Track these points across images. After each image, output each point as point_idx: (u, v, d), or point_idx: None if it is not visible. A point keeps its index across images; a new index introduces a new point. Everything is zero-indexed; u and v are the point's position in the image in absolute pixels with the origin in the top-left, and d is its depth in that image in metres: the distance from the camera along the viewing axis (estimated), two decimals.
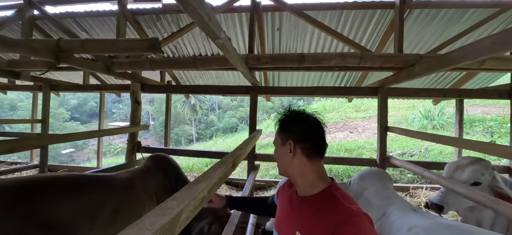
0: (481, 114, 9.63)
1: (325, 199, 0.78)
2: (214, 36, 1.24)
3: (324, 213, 0.74)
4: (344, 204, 0.73)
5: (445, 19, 2.71)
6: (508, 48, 1.27)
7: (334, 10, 2.66)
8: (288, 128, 0.88)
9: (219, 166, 1.13)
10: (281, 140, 0.89)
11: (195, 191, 0.78)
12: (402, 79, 2.30)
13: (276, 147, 0.92)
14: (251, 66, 2.32)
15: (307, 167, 0.84)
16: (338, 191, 0.79)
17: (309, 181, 0.83)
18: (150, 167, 1.74)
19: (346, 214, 0.69)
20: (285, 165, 0.88)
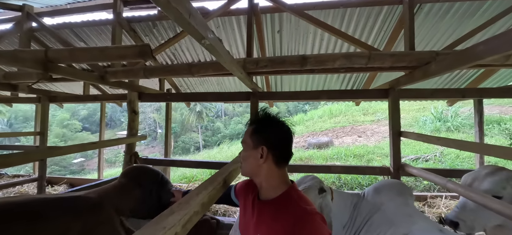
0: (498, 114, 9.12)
1: (283, 201, 0.81)
2: (199, 36, 1.09)
3: (282, 215, 0.77)
4: (299, 205, 0.77)
5: (459, 13, 2.49)
6: None
7: (337, 8, 2.49)
8: (263, 133, 0.88)
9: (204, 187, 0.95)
10: (252, 143, 0.88)
11: (162, 228, 0.62)
12: (416, 79, 2.08)
13: (245, 149, 0.90)
14: (249, 70, 2.16)
15: (273, 172, 0.86)
16: (296, 192, 0.84)
17: (273, 185, 0.86)
18: (124, 183, 1.58)
19: (301, 213, 0.73)
20: (252, 168, 0.88)
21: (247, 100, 2.80)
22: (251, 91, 2.77)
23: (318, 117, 15.95)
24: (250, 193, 0.98)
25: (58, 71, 1.98)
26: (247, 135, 0.90)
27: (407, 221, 1.35)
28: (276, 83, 3.80)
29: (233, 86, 4.02)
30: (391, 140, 2.53)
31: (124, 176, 1.77)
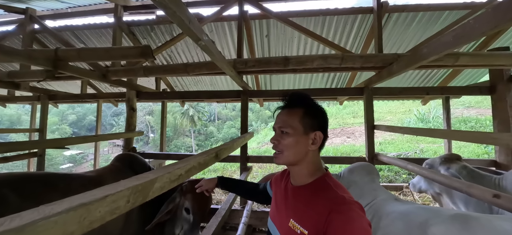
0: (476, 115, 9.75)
1: (319, 187, 0.77)
2: (196, 38, 1.36)
3: (317, 201, 0.73)
4: (336, 192, 0.72)
5: (422, 22, 2.87)
6: (466, 41, 1.39)
7: (317, 16, 2.82)
8: (316, 117, 0.82)
9: (201, 154, 1.22)
10: (303, 128, 0.80)
11: (173, 167, 0.88)
12: (383, 78, 2.42)
13: (291, 135, 0.80)
14: (239, 69, 2.44)
15: (315, 158, 0.82)
16: (331, 180, 0.79)
17: (311, 171, 0.81)
18: (118, 166, 1.79)
19: (339, 201, 0.68)
20: (298, 156, 0.80)
21: (238, 98, 3.07)
22: (242, 89, 3.04)
23: None
24: (283, 179, 0.95)
25: (67, 68, 2.20)
26: (295, 120, 0.81)
27: (372, 194, 1.66)
28: (265, 83, 4.10)
29: (225, 86, 4.28)
30: (366, 133, 2.86)
31: (118, 160, 2.00)
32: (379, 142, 8.31)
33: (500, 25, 1.16)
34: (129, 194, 0.58)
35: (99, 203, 0.49)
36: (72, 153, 28.71)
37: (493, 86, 2.76)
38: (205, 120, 37.52)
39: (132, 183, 0.61)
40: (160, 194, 0.73)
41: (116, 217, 1.60)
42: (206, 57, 3.50)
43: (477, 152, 5.92)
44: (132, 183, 0.61)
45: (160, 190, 0.73)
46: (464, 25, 1.36)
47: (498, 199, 1.22)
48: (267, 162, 3.37)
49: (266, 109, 37.82)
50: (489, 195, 1.28)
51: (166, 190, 0.77)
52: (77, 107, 40.34)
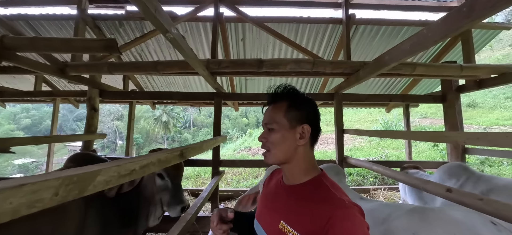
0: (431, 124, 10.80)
1: (315, 188, 0.71)
2: (164, 29, 1.28)
3: (314, 203, 0.67)
4: (335, 195, 0.67)
5: (385, 35, 3.12)
6: (421, 49, 1.52)
7: (291, 23, 2.90)
8: (301, 109, 0.76)
9: (164, 152, 1.13)
10: (289, 122, 0.75)
11: (125, 161, 0.79)
12: (351, 84, 2.55)
13: (278, 131, 0.75)
14: (212, 70, 2.38)
15: (307, 154, 0.76)
16: (328, 180, 0.74)
17: (304, 168, 0.75)
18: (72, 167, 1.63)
19: (339, 205, 0.63)
20: (287, 153, 0.75)
21: (211, 100, 2.99)
22: (215, 91, 2.98)
23: None
24: (273, 178, 0.89)
25: (14, 59, 1.94)
26: (279, 115, 0.76)
27: None
28: (240, 87, 4.08)
29: (199, 88, 4.15)
30: (336, 136, 2.96)
31: (72, 161, 1.80)
32: (349, 148, 8.75)
33: (449, 34, 1.28)
34: (59, 185, 0.49)
35: (11, 192, 0.40)
36: (25, 162, 25.46)
37: (444, 95, 3.07)
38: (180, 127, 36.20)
39: (66, 173, 0.52)
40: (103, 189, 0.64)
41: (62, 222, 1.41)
42: (180, 56, 3.39)
43: (433, 156, 6.53)
44: (65, 173, 0.52)
45: (105, 184, 0.64)
46: (419, 34, 1.49)
47: (450, 193, 1.32)
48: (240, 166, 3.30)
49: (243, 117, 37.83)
50: (442, 190, 1.38)
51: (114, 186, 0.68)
52: (32, 110, 36.20)
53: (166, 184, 1.70)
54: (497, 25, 3.08)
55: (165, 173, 1.69)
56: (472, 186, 1.62)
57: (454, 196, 1.29)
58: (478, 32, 3.14)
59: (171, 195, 1.67)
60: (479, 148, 3.00)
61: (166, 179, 1.70)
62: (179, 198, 1.68)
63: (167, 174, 1.69)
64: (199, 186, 5.97)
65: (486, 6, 1.05)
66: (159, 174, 1.69)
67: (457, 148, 2.93)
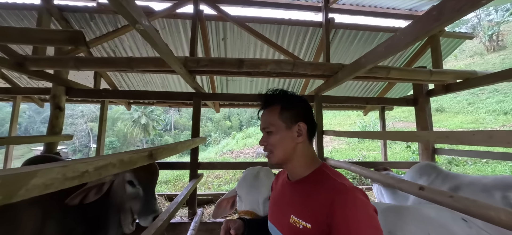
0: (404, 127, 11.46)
1: (317, 178, 0.75)
2: (132, 20, 1.18)
3: (317, 193, 0.70)
4: (336, 180, 0.70)
5: (362, 40, 3.23)
6: (395, 51, 1.57)
7: (272, 24, 2.90)
8: (294, 108, 0.80)
9: (129, 152, 1.03)
10: (285, 123, 0.79)
11: (74, 161, 0.69)
12: (330, 85, 2.59)
13: (276, 133, 0.79)
14: (190, 68, 2.29)
15: (307, 149, 0.81)
16: (329, 169, 0.76)
17: (306, 163, 0.79)
18: None
19: (340, 190, 0.66)
20: (287, 152, 0.79)
21: (190, 100, 2.88)
22: (194, 91, 2.87)
23: None
24: (279, 178, 0.92)
25: None
26: (274, 118, 0.80)
27: None
28: (221, 87, 3.99)
29: (178, 88, 3.99)
30: (316, 138, 2.99)
31: (28, 165, 1.62)
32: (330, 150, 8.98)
33: (419, 37, 1.33)
34: None
35: None
36: None
37: (416, 99, 3.24)
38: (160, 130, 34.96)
39: None
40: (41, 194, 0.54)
41: None
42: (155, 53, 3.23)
43: (406, 157, 6.92)
44: None
45: (44, 188, 0.54)
46: (392, 37, 1.53)
47: (422, 191, 1.36)
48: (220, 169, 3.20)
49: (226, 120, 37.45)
50: (415, 188, 1.42)
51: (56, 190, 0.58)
52: None
53: (137, 192, 1.57)
54: (462, 34, 3.33)
55: (136, 180, 1.55)
56: (441, 183, 1.70)
57: (426, 194, 1.33)
58: (445, 41, 3.37)
59: (142, 203, 1.53)
60: (447, 149, 3.19)
61: (137, 186, 1.56)
62: (151, 207, 1.55)
63: (138, 181, 1.55)
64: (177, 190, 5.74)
65: (453, 9, 1.09)
66: (129, 181, 1.55)
67: (427, 149, 3.10)
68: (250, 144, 13.84)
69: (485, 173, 5.62)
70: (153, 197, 1.66)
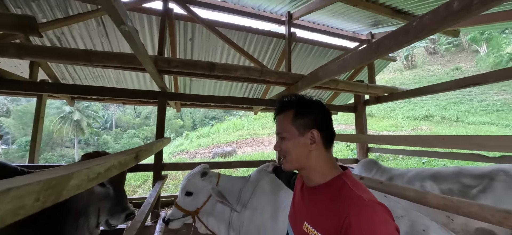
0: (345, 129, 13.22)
1: (335, 188, 0.71)
2: (119, 20, 1.18)
3: (333, 203, 0.67)
4: (355, 192, 0.65)
5: (316, 54, 3.72)
6: (345, 70, 1.95)
7: (241, 31, 3.07)
8: (308, 115, 0.77)
9: (120, 154, 1.06)
10: (297, 129, 0.76)
11: (91, 163, 0.73)
12: (291, 93, 2.92)
13: (289, 139, 0.77)
14: (160, 68, 2.25)
15: (323, 157, 0.76)
16: (350, 179, 0.72)
17: (323, 171, 0.76)
18: None
19: (358, 203, 0.62)
20: (301, 158, 0.76)
21: (155, 99, 2.79)
22: (160, 90, 2.79)
23: (223, 130, 16.76)
24: (299, 180, 0.90)
25: None
26: (287, 123, 0.78)
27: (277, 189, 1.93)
28: (184, 87, 3.93)
29: (135, 84, 3.72)
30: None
31: None
32: None
33: (364, 62, 1.71)
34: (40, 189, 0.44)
35: None
36: None
37: (355, 106, 3.92)
38: (97, 128, 30.56)
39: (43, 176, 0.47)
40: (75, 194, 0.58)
41: None
42: (115, 47, 2.99)
43: (346, 154, 8.08)
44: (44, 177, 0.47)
45: (76, 188, 0.58)
46: (344, 59, 1.90)
47: (362, 181, 1.76)
48: (185, 169, 3.19)
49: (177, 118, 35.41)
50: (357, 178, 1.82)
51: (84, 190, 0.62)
52: None
53: (107, 192, 1.51)
54: (389, 57, 4.18)
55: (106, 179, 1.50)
56: (380, 175, 2.17)
57: (365, 182, 1.73)
58: (378, 61, 4.17)
59: (113, 203, 1.50)
60: (376, 147, 3.96)
61: (107, 185, 1.51)
62: (124, 205, 1.53)
63: (109, 180, 1.51)
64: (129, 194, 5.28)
65: (387, 47, 1.48)
66: None
67: (363, 148, 3.79)
68: (205, 144, 13.60)
69: (401, 166, 7.10)
70: (124, 195, 1.63)
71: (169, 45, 2.99)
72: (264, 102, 3.50)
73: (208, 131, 17.18)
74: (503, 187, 1.55)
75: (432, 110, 15.99)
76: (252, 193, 1.98)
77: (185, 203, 1.86)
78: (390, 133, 11.66)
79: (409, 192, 1.39)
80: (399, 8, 2.75)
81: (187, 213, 1.85)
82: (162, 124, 2.74)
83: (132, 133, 30.87)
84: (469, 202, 1.13)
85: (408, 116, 15.59)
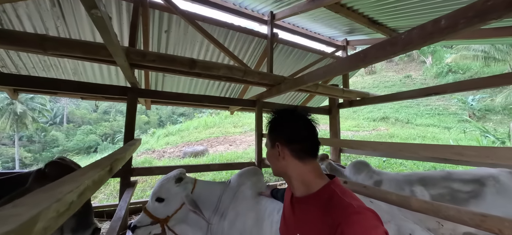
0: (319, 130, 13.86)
1: (324, 197, 0.71)
2: (91, 4, 0.98)
3: (324, 212, 0.67)
4: (344, 200, 0.66)
5: (296, 56, 3.77)
6: (331, 75, 1.97)
7: (222, 27, 2.92)
8: (276, 130, 0.83)
9: (91, 168, 0.87)
10: (270, 142, 0.84)
11: (59, 193, 0.56)
12: (273, 94, 2.89)
13: (268, 151, 0.86)
14: (133, 61, 1.99)
15: (300, 168, 0.78)
16: (338, 187, 0.72)
17: (305, 181, 0.77)
18: None
19: (348, 211, 0.62)
20: (276, 168, 0.83)
21: (124, 95, 2.49)
22: (130, 86, 2.50)
23: (193, 128, 16.11)
24: (288, 191, 0.90)
25: None
26: (267, 135, 0.87)
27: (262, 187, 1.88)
28: (156, 83, 3.60)
29: (98, 78, 3.29)
30: (256, 140, 3.24)
31: None
32: None
33: (351, 69, 1.75)
34: None
35: None
36: None
37: (330, 109, 4.09)
38: (45, 122, 26.73)
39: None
40: None
41: None
42: (73, 33, 2.58)
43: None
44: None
45: (44, 232, 0.42)
46: (330, 65, 1.92)
47: (346, 185, 1.80)
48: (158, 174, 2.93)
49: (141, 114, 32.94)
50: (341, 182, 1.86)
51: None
52: None
53: None
54: None
55: None
56: (370, 177, 2.20)
57: (349, 186, 1.78)
58: None
59: (78, 218, 1.27)
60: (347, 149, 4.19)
61: None
62: (89, 220, 1.30)
63: None
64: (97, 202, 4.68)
65: (374, 56, 1.53)
66: None
67: (336, 149, 3.97)
68: (174, 143, 12.90)
69: None
70: (90, 210, 1.40)
71: (141, 37, 2.69)
72: (244, 102, 3.41)
73: (177, 128, 16.35)
74: (493, 192, 1.62)
75: (388, 113, 17.74)
76: (232, 199, 1.89)
77: (155, 209, 1.71)
78: (353, 133, 12.59)
79: (392, 196, 1.46)
80: (375, 18, 2.92)
81: (156, 221, 1.70)
82: (132, 124, 2.46)
83: (88, 129, 27.72)
84: (447, 206, 1.23)
85: (368, 117, 17.03)
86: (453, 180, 1.80)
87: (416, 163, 7.06)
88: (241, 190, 1.94)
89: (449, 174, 1.86)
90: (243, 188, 1.94)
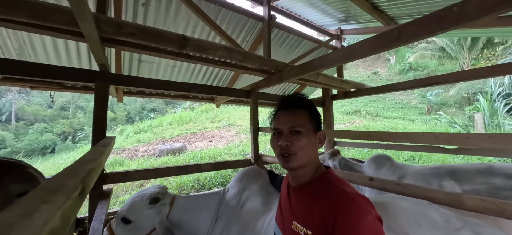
0: None
1: (320, 185, 0.75)
2: None
3: (319, 200, 0.70)
4: (338, 187, 0.70)
5: (291, 42, 3.49)
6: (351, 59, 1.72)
7: (215, 4, 2.49)
8: (318, 117, 0.84)
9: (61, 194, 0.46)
10: (313, 128, 0.80)
11: None
12: (272, 83, 2.58)
13: (305, 135, 0.78)
14: (105, 35, 1.50)
15: (318, 157, 0.83)
16: (333, 176, 0.77)
17: (313, 169, 0.81)
18: None
19: (342, 198, 0.66)
20: (309, 155, 0.79)
21: (89, 82, 1.95)
22: (98, 70, 1.97)
23: (167, 124, 15.11)
24: (285, 181, 0.93)
25: None
26: (305, 120, 0.80)
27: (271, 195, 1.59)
28: (130, 68, 3.00)
29: (51, 59, 2.49)
30: (252, 135, 2.91)
31: None
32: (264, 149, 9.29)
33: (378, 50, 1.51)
34: None
35: None
36: None
37: (323, 101, 3.92)
38: None
39: None
40: None
41: None
42: None
43: None
44: None
45: None
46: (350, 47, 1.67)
47: (373, 182, 1.58)
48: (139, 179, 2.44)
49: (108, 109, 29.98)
50: (366, 180, 1.63)
51: None
52: None
53: None
54: None
55: None
56: (393, 172, 2.02)
57: (377, 184, 1.56)
58: None
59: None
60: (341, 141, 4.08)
61: None
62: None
63: None
64: None
65: (411, 35, 1.30)
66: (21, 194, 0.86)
67: (330, 141, 3.84)
68: (146, 140, 11.89)
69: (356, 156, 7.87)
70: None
71: (112, 8, 2.14)
72: (238, 92, 3.03)
73: (149, 125, 15.17)
74: None
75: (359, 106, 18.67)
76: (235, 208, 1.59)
77: (120, 231, 1.43)
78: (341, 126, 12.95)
79: (437, 194, 1.27)
80: (378, 4, 2.76)
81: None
82: (103, 118, 1.96)
83: (42, 128, 24.24)
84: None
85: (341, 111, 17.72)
86: (495, 175, 1.60)
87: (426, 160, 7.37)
88: (247, 195, 1.65)
89: (490, 168, 1.65)
90: (249, 193, 1.65)
